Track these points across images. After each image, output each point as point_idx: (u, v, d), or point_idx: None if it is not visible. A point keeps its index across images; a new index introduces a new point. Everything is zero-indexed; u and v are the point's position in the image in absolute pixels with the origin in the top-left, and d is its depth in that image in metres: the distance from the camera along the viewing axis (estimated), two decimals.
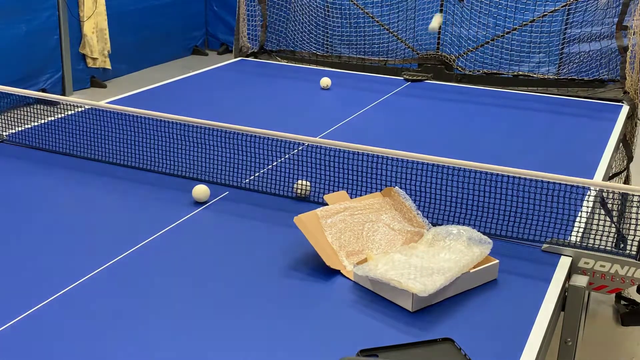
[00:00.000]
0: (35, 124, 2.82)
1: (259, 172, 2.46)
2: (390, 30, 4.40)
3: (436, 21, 3.59)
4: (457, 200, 2.22)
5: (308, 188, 2.31)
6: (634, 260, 1.94)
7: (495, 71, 4.16)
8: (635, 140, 3.67)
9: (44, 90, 6.48)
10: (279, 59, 4.40)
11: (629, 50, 3.70)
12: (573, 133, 3.16)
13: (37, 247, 1.94)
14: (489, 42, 4.19)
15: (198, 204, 2.24)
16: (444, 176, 2.26)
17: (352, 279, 1.82)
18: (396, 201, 2.10)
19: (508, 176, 2.17)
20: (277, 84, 3.83)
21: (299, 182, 2.31)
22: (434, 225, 2.05)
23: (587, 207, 2.21)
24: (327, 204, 2.07)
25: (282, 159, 2.55)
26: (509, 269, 1.89)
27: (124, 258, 1.89)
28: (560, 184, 2.10)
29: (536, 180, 2.15)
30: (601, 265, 1.96)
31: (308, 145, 2.50)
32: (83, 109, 3.00)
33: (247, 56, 4.37)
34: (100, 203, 2.25)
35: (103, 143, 2.66)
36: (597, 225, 2.05)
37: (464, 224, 2.05)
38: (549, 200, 2.14)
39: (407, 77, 3.97)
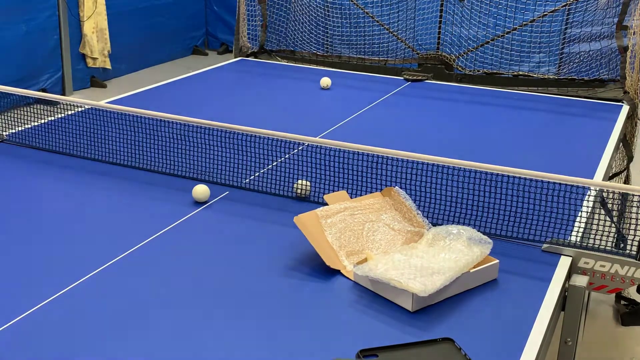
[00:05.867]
0: (35, 123, 2.82)
1: (259, 172, 2.46)
2: (390, 30, 4.40)
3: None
4: (457, 200, 2.22)
5: (308, 188, 2.30)
6: (634, 260, 1.94)
7: (495, 71, 4.16)
8: (635, 140, 3.67)
9: (44, 90, 6.48)
10: (279, 59, 4.40)
11: (629, 50, 3.70)
12: (573, 133, 3.16)
13: (36, 247, 1.94)
14: (489, 42, 4.19)
15: (198, 204, 2.24)
16: (444, 176, 2.26)
17: (352, 279, 1.82)
18: (396, 201, 2.10)
19: (508, 176, 2.17)
20: (277, 84, 3.83)
21: (299, 182, 2.31)
22: (434, 225, 2.05)
23: (587, 207, 2.21)
24: (327, 204, 2.07)
25: (282, 159, 2.55)
26: (509, 269, 1.89)
27: (123, 258, 1.89)
28: (560, 184, 2.10)
29: (536, 180, 2.15)
30: (601, 265, 1.96)
31: (308, 145, 2.50)
32: (83, 108, 3.00)
33: (247, 56, 4.37)
34: (100, 203, 2.25)
35: (103, 143, 2.66)
36: (597, 225, 2.05)
37: (464, 224, 2.05)
38: (549, 200, 2.14)
39: (407, 77, 3.97)
